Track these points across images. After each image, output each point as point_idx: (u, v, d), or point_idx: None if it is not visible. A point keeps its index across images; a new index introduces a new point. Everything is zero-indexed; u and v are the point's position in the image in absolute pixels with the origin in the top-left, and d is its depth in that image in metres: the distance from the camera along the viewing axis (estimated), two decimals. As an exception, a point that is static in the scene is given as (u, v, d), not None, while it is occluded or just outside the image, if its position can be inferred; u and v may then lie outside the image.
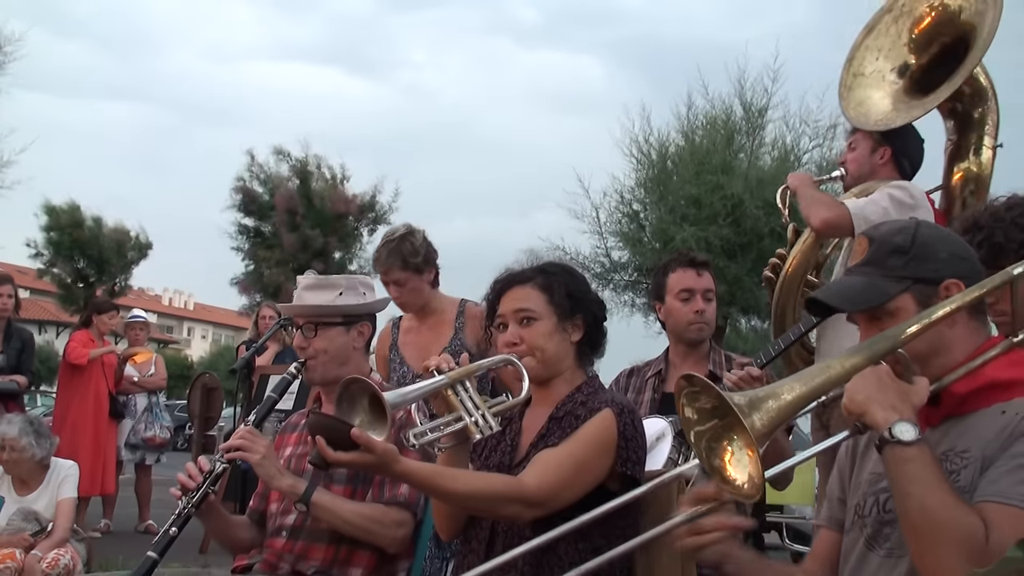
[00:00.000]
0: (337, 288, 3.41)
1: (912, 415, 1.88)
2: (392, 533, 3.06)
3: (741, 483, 1.87)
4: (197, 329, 72.69)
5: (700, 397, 1.91)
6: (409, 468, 2.51)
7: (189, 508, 3.06)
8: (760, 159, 19.22)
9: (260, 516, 3.40)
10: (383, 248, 4.59)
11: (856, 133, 4.45)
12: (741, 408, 1.78)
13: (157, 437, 9.59)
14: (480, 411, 2.61)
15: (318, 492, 3.05)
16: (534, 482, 2.55)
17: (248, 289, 27.71)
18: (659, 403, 4.05)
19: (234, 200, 27.78)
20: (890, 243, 2.14)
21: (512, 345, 2.81)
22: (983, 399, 2.03)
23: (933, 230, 2.21)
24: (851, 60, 4.57)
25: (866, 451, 2.24)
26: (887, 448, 1.86)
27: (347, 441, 2.40)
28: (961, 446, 1.99)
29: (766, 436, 1.83)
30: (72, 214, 32.13)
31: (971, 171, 4.38)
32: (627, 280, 20.18)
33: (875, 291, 2.10)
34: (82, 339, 9.20)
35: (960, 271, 2.09)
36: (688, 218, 18.16)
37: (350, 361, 3.38)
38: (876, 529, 2.11)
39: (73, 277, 32.59)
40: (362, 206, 28.16)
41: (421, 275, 4.61)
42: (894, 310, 2.08)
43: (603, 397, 2.82)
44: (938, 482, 1.83)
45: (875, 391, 1.90)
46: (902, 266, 2.10)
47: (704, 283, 4.10)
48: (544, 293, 2.85)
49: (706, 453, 1.92)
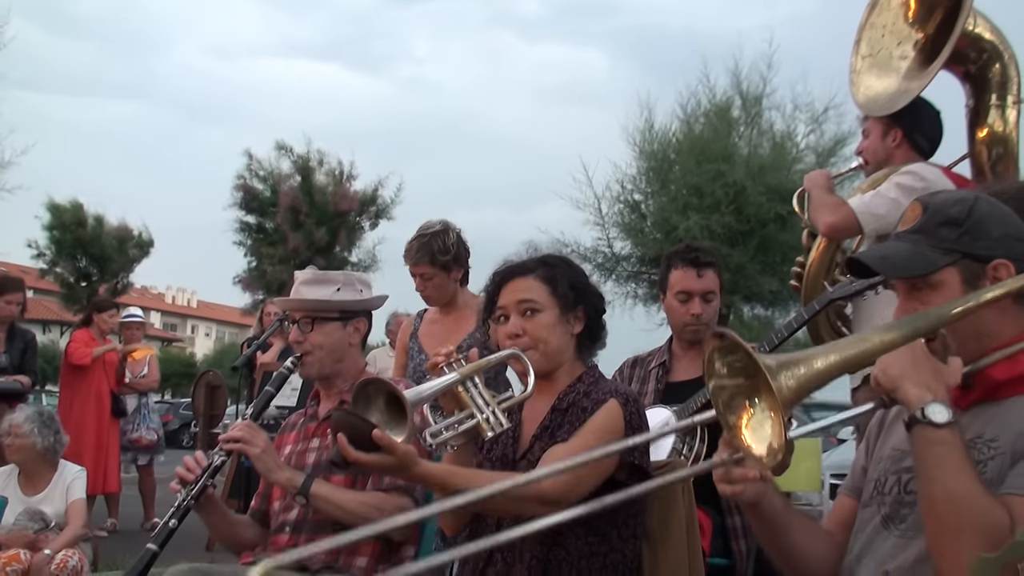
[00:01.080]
0: (335, 284, 3.42)
1: (945, 396, 1.84)
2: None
3: (757, 450, 1.82)
4: (201, 327, 72.71)
5: (730, 354, 1.85)
6: (427, 470, 2.49)
7: (188, 500, 3.06)
8: (760, 146, 19.18)
9: (262, 516, 3.39)
10: (415, 241, 4.61)
11: (868, 120, 4.34)
12: (771, 369, 1.72)
13: (143, 439, 9.57)
14: (491, 407, 2.58)
15: (317, 483, 3.04)
16: (549, 480, 2.51)
17: (251, 286, 27.67)
18: (663, 393, 4.03)
19: (235, 198, 27.76)
20: (944, 213, 2.07)
21: (515, 337, 2.78)
22: (1019, 387, 1.97)
23: (991, 207, 2.12)
24: (858, 42, 4.45)
25: (893, 424, 2.20)
26: (916, 428, 1.83)
27: (368, 441, 2.37)
28: (990, 434, 1.94)
29: (793, 401, 1.76)
30: (75, 212, 32.11)
31: (995, 133, 4.24)
32: (629, 271, 20.15)
33: (921, 260, 2.04)
34: (83, 338, 9.22)
35: (1013, 252, 2.03)
36: (690, 206, 18.12)
37: (346, 357, 3.40)
38: (894, 509, 2.07)
39: (75, 276, 32.58)
40: (364, 200, 28.11)
41: (448, 273, 4.62)
42: (937, 282, 2.03)
43: (606, 387, 2.80)
44: (966, 468, 1.79)
45: (909, 367, 1.86)
46: (954, 239, 2.03)
47: (703, 284, 4.01)
48: (547, 284, 2.82)
49: (725, 408, 1.86)
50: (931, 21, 4.22)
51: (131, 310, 10.52)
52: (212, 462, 3.12)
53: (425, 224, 4.71)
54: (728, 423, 1.87)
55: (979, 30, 4.16)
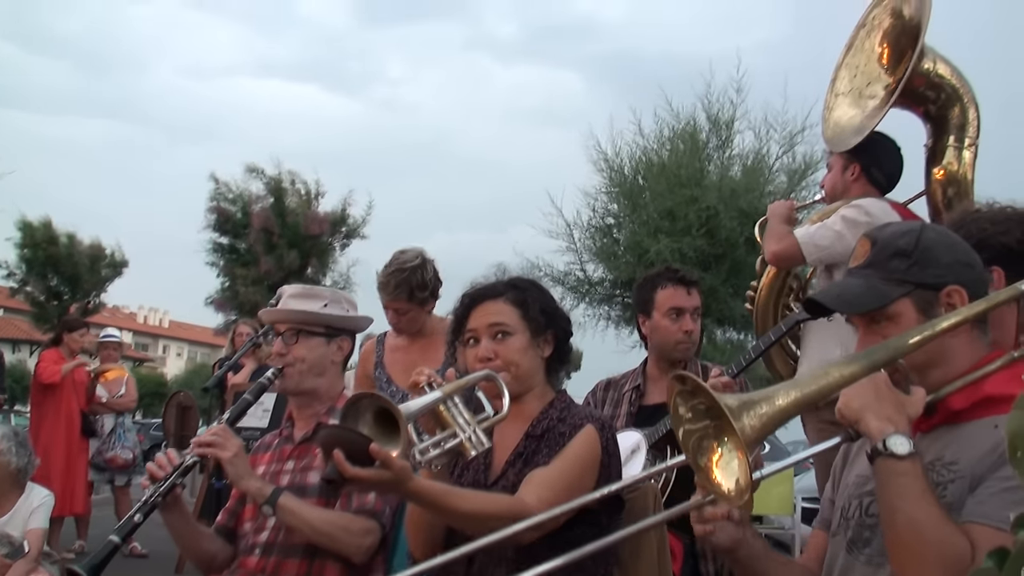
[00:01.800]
0: (322, 299, 3.41)
1: (907, 427, 1.86)
2: (359, 541, 3.01)
3: (727, 488, 1.83)
4: (172, 347, 72.24)
5: (693, 397, 1.86)
6: (421, 487, 2.44)
7: (156, 497, 3.02)
8: (731, 170, 19.25)
9: (228, 532, 3.35)
10: (392, 276, 4.51)
11: (832, 154, 4.47)
12: (732, 410, 1.73)
13: (119, 458, 9.42)
14: (472, 427, 2.55)
15: (285, 495, 3.02)
16: (535, 502, 2.50)
17: (224, 307, 27.52)
18: (636, 416, 4.05)
19: (209, 220, 27.65)
20: (893, 245, 2.10)
21: (486, 360, 2.77)
22: (978, 412, 1.99)
23: (938, 234, 2.16)
24: (833, 80, 4.61)
25: (857, 453, 2.22)
26: (879, 459, 1.84)
27: (363, 456, 2.31)
28: (950, 456, 1.96)
29: (757, 441, 1.78)
30: (46, 230, 31.86)
31: (951, 173, 4.36)
32: (602, 294, 20.17)
33: (874, 294, 2.07)
34: (52, 357, 9.17)
35: (963, 278, 2.06)
36: (662, 230, 18.17)
37: (327, 373, 3.38)
38: (857, 533, 2.09)
39: (46, 295, 32.30)
40: (333, 219, 28.06)
41: (424, 307, 4.59)
42: (893, 314, 2.05)
43: (580, 412, 2.80)
44: (928, 498, 1.81)
45: (872, 400, 1.88)
46: (904, 270, 2.07)
47: (693, 302, 4.10)
48: (518, 308, 2.83)
49: (694, 452, 1.87)
50: (900, 66, 4.32)
51: (108, 330, 10.44)
52: (183, 461, 3.08)
53: (400, 256, 4.60)
54: (699, 466, 1.87)
55: (940, 72, 4.28)
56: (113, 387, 9.64)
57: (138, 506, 3.03)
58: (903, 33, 4.35)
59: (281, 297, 3.46)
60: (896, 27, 4.41)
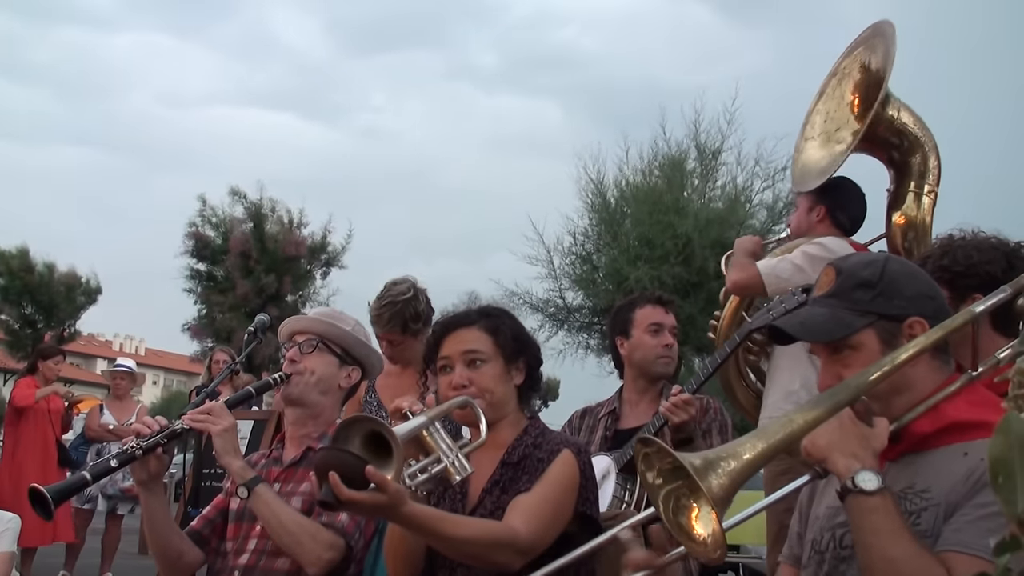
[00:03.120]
0: (348, 323, 3.45)
1: (874, 462, 1.86)
2: (320, 552, 2.95)
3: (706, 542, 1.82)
4: (148, 375, 71.67)
5: (656, 460, 1.86)
6: (415, 511, 2.43)
7: (136, 449, 3.00)
8: (714, 200, 19.36)
9: (199, 538, 3.28)
10: (386, 309, 4.51)
11: (800, 194, 4.64)
12: (698, 470, 1.73)
13: (135, 488, 9.24)
14: (455, 452, 2.55)
15: (263, 486, 3.02)
16: (524, 528, 2.52)
17: (200, 334, 27.40)
18: (611, 440, 4.06)
19: (187, 246, 27.57)
20: (857, 276, 2.12)
21: (461, 388, 2.78)
22: (944, 439, 2.00)
23: (902, 266, 2.18)
24: (804, 125, 4.78)
25: (826, 486, 2.21)
26: (849, 497, 1.85)
27: (359, 479, 2.29)
28: (921, 484, 1.96)
29: (726, 499, 1.77)
30: (22, 258, 31.71)
31: (910, 218, 4.49)
32: (581, 321, 20.21)
33: (838, 324, 2.08)
34: (28, 384, 9.09)
35: (925, 310, 2.07)
36: (641, 257, 18.25)
37: (330, 394, 3.38)
38: (833, 566, 2.09)
39: (20, 323, 32.09)
40: (313, 247, 28.04)
41: (417, 337, 4.57)
42: (856, 344, 2.06)
43: (555, 438, 2.82)
44: (901, 531, 1.81)
45: (837, 438, 1.88)
46: (868, 300, 2.08)
47: (671, 320, 4.22)
48: (491, 336, 2.85)
49: (673, 514, 1.87)
50: (868, 113, 4.42)
51: (121, 360, 10.31)
52: (172, 426, 3.07)
53: (393, 288, 4.60)
54: (680, 527, 1.87)
55: (904, 120, 4.43)
56: (123, 414, 9.47)
57: (116, 452, 3.03)
58: (870, 84, 4.51)
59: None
60: (864, 77, 4.57)
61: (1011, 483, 0.99)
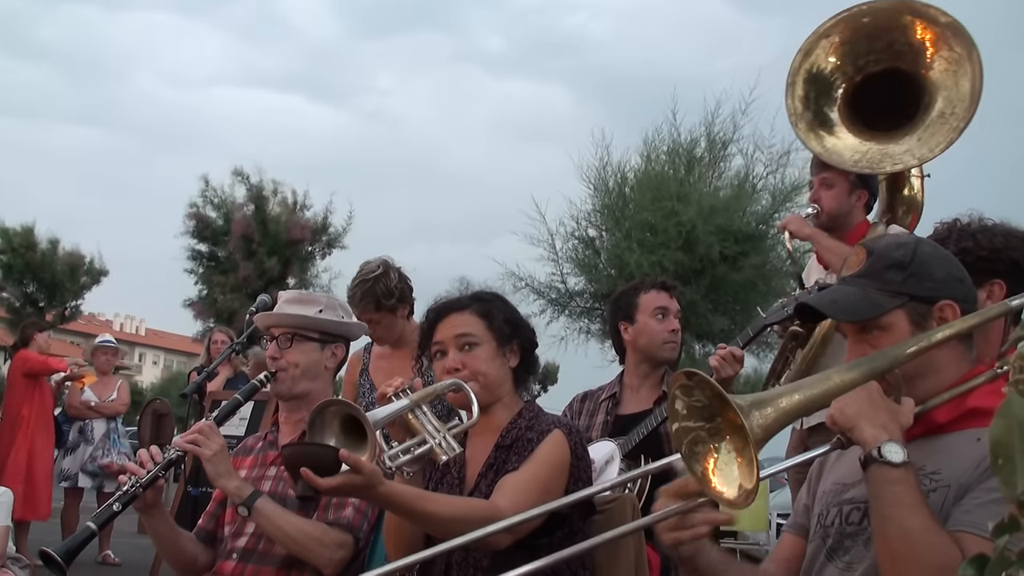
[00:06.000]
0: (317, 304, 3.43)
1: (900, 436, 1.87)
2: (331, 554, 2.98)
3: (729, 496, 1.83)
4: (149, 355, 71.86)
5: (695, 392, 1.86)
6: (393, 490, 2.45)
7: (136, 488, 3.01)
8: (719, 187, 19.30)
9: (207, 535, 3.33)
10: (357, 288, 4.57)
11: (829, 171, 4.31)
12: (742, 408, 1.75)
13: (115, 464, 9.12)
14: (441, 434, 2.59)
15: (263, 499, 3.01)
16: (508, 506, 2.52)
17: (202, 313, 27.41)
18: (611, 425, 4.06)
19: (187, 226, 27.54)
20: (889, 257, 2.13)
21: (454, 371, 2.80)
22: (960, 423, 2.02)
23: (933, 249, 2.20)
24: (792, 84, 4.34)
25: (836, 460, 2.24)
26: (873, 467, 1.85)
27: (333, 466, 2.33)
28: (932, 466, 1.98)
29: (763, 441, 1.79)
30: (25, 236, 31.66)
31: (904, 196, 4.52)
32: (582, 307, 20.20)
33: (869, 304, 2.09)
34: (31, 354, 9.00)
35: (956, 293, 2.09)
36: (643, 243, 18.22)
37: (319, 378, 3.39)
38: (838, 541, 2.10)
39: (22, 302, 32.06)
40: (315, 229, 28.01)
41: (395, 313, 4.61)
42: (886, 325, 2.07)
43: (548, 419, 2.84)
44: (921, 507, 1.82)
45: (867, 407, 1.89)
46: (900, 282, 2.09)
47: (675, 305, 4.23)
48: (483, 319, 2.87)
49: (687, 453, 1.87)
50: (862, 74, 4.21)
51: (105, 336, 10.26)
52: (167, 456, 3.08)
53: (364, 267, 4.66)
54: (695, 472, 1.87)
55: None
56: (104, 391, 9.45)
57: (118, 495, 3.03)
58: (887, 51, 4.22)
59: (272, 302, 3.45)
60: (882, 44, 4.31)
61: (1011, 465, 1.00)
